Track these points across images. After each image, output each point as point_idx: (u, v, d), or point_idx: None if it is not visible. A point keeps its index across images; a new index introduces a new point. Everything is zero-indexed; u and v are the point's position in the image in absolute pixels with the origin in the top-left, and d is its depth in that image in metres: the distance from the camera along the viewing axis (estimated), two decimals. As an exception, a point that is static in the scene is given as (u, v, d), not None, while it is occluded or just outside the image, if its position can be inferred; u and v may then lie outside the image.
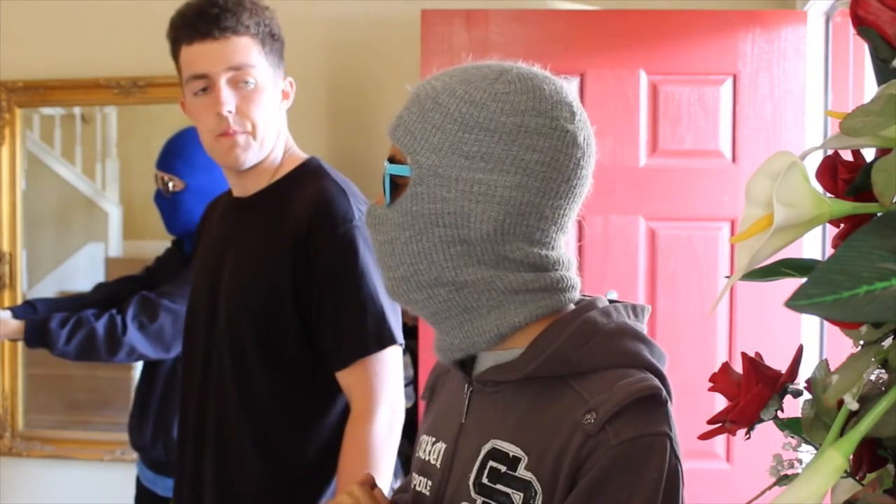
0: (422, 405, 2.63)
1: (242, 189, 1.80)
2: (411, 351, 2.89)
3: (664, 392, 0.96)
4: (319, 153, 3.14)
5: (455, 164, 0.98)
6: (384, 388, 1.67)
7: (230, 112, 1.68)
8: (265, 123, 1.71)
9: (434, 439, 1.10)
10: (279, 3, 3.09)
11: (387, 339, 1.67)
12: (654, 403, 0.95)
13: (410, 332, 2.82)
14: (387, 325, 1.67)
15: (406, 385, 2.93)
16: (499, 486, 0.98)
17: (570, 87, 1.03)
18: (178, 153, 2.42)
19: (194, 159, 2.39)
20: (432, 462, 1.09)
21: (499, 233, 0.98)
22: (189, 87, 1.71)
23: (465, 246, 0.99)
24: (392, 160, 1.03)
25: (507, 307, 1.00)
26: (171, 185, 2.42)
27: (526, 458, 0.97)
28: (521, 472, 0.97)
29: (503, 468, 0.98)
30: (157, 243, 2.83)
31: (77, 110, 3.49)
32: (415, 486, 1.12)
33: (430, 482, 1.08)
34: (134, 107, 3.14)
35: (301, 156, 1.82)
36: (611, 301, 1.06)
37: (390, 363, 1.69)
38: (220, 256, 1.79)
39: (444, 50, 2.57)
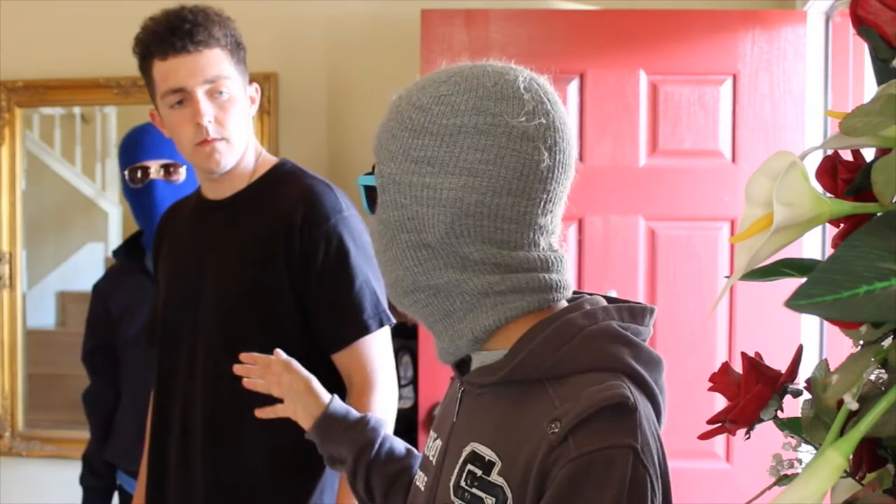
0: (422, 406, 2.64)
1: (218, 192, 1.87)
2: (411, 351, 2.89)
3: (632, 400, 0.92)
4: (319, 153, 3.16)
5: (408, 170, 0.99)
6: (384, 363, 1.79)
7: (210, 122, 1.76)
8: (239, 130, 1.80)
9: (435, 436, 1.11)
10: (280, 3, 3.10)
11: (385, 319, 1.79)
12: (620, 412, 0.91)
13: (410, 332, 2.82)
14: (382, 305, 1.78)
15: (405, 385, 2.93)
16: (474, 490, 0.97)
17: (531, 81, 1.00)
18: (169, 141, 2.35)
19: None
20: (430, 458, 1.09)
21: (451, 235, 0.98)
22: (165, 101, 1.79)
23: (429, 250, 0.99)
24: (372, 171, 1.05)
25: (479, 310, 0.99)
26: (174, 170, 2.35)
27: (500, 463, 0.96)
28: (495, 477, 0.96)
29: (479, 472, 0.97)
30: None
31: (77, 110, 3.50)
32: (415, 481, 1.13)
33: (426, 478, 1.09)
34: (134, 107, 3.14)
35: (272, 159, 1.92)
36: (610, 300, 1.04)
37: (385, 341, 1.81)
38: (198, 258, 1.85)
39: (444, 50, 2.57)
